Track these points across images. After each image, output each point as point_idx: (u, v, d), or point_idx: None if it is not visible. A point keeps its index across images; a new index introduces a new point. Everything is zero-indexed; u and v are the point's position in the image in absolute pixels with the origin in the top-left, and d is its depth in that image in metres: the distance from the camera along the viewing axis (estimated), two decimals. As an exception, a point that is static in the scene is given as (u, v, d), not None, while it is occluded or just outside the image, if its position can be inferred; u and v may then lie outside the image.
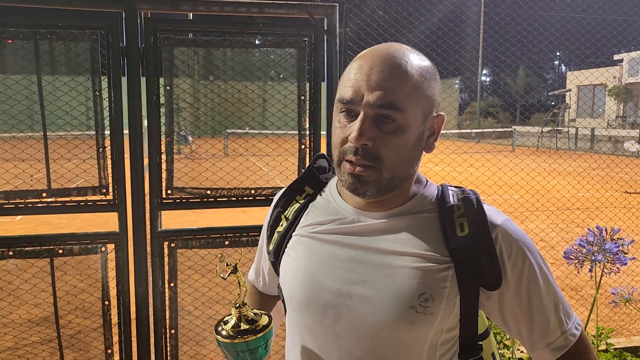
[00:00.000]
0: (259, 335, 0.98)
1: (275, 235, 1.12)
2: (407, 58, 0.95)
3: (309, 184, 1.13)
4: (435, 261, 0.96)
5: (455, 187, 1.05)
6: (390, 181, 0.96)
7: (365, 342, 0.98)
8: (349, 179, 0.96)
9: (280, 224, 1.12)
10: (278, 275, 1.14)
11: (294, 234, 1.09)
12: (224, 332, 0.98)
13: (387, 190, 0.97)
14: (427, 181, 1.07)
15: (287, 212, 1.12)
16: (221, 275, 1.00)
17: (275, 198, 1.17)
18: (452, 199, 1.01)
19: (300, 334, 1.06)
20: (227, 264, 1.00)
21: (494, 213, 1.01)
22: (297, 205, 1.11)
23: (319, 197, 1.11)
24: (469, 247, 0.96)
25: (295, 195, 1.13)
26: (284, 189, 1.16)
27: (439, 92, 1.00)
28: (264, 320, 1.01)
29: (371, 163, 0.94)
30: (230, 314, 1.01)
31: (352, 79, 0.95)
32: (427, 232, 0.99)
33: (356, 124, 0.93)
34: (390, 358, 0.97)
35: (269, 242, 1.15)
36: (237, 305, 1.00)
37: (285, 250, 1.09)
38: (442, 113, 1.01)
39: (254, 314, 1.02)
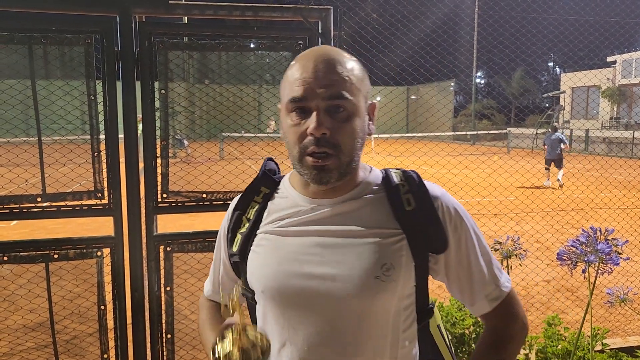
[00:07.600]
0: None
1: (238, 237, 1.19)
2: (343, 56, 1.08)
3: (264, 184, 1.21)
4: (391, 235, 1.08)
5: (397, 169, 1.18)
6: (348, 165, 1.07)
7: (336, 317, 1.06)
8: (313, 171, 1.05)
9: (242, 224, 1.20)
10: (240, 278, 1.21)
11: (258, 232, 1.17)
12: None
13: (346, 174, 1.08)
14: (371, 168, 1.18)
15: (247, 213, 1.20)
16: (226, 305, 1.01)
17: (233, 203, 1.24)
18: (395, 179, 1.14)
19: (274, 323, 1.12)
20: (228, 296, 1.02)
21: (433, 187, 1.15)
22: (257, 206, 1.19)
23: (275, 195, 1.20)
24: (417, 218, 1.09)
25: (253, 196, 1.21)
26: (240, 195, 1.23)
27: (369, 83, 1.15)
28: (264, 344, 0.98)
29: (331, 151, 1.04)
30: (225, 339, 0.97)
31: (299, 78, 1.04)
32: (379, 210, 1.11)
33: (312, 117, 1.03)
34: (363, 329, 1.07)
35: (230, 245, 1.22)
36: (236, 334, 0.96)
37: (252, 248, 1.16)
38: (374, 101, 1.15)
39: (253, 338, 0.98)
